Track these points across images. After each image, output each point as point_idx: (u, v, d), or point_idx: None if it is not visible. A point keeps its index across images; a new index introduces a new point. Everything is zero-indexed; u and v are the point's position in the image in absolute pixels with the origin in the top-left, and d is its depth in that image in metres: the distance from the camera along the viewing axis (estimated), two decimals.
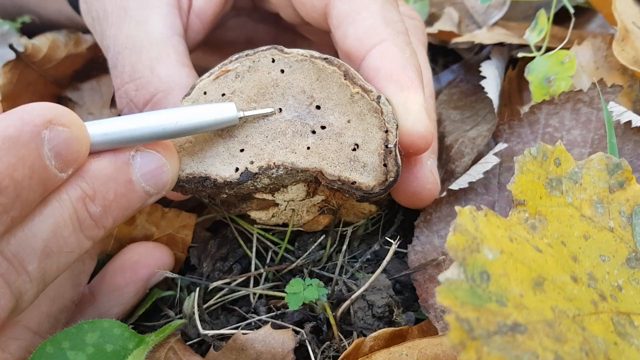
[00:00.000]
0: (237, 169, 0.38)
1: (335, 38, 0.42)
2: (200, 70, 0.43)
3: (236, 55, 0.39)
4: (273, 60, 0.39)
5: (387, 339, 0.40)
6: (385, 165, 0.37)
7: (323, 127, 0.38)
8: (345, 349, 0.40)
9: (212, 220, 0.54)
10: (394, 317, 0.43)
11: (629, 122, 0.46)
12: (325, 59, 0.38)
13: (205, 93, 0.39)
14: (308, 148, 0.38)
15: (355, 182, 0.38)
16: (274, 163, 0.38)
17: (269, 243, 0.50)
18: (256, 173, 0.38)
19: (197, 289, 0.45)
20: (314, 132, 0.38)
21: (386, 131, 0.37)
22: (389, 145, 0.37)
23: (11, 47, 0.59)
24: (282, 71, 0.39)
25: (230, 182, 0.38)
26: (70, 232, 0.32)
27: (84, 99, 0.67)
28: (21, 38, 0.62)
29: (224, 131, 0.39)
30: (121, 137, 0.33)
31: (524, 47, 0.58)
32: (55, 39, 0.63)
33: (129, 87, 0.42)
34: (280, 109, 0.39)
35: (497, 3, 0.68)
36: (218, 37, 0.53)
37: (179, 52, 0.43)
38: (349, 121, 0.38)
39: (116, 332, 0.37)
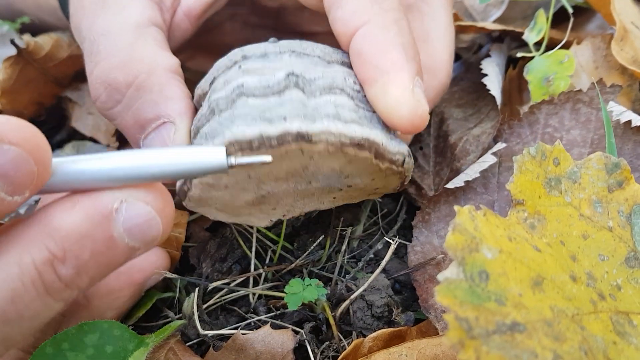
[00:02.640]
0: (271, 221, 0.44)
1: (330, 23, 0.40)
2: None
3: (259, 145, 0.34)
4: (302, 152, 0.35)
5: (386, 339, 0.40)
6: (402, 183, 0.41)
7: (349, 186, 0.40)
8: (345, 348, 0.40)
9: (211, 221, 0.54)
10: (394, 316, 0.43)
11: (629, 122, 0.46)
12: (357, 145, 0.34)
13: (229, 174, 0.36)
14: (334, 198, 0.42)
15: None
16: (304, 213, 0.43)
17: (268, 242, 0.50)
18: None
19: (197, 289, 0.45)
20: (340, 189, 0.41)
21: (405, 176, 0.40)
22: (405, 182, 0.41)
23: (12, 42, 0.59)
24: (312, 157, 0.36)
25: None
26: (32, 297, 0.27)
27: (84, 99, 0.67)
28: (24, 35, 0.62)
29: (254, 198, 0.39)
30: (95, 177, 0.28)
31: (524, 46, 0.58)
32: (59, 39, 0.63)
33: (107, 71, 0.39)
34: (310, 182, 0.39)
35: (496, 1, 0.68)
36: (216, 41, 0.53)
37: (156, 39, 0.41)
38: (373, 179, 0.40)
39: (116, 333, 0.37)
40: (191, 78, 0.47)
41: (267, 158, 0.32)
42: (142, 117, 0.38)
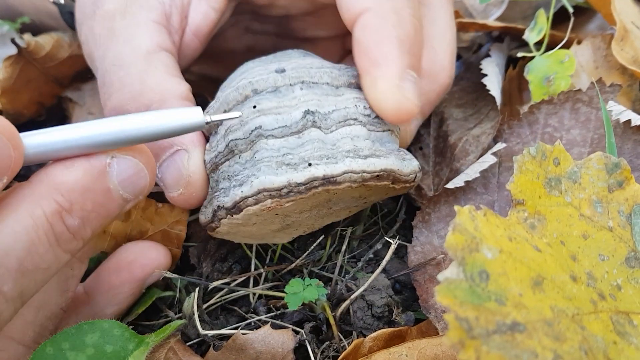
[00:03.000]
0: (292, 237, 0.46)
1: (338, 9, 0.41)
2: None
3: (287, 192, 0.36)
4: (327, 191, 0.37)
5: (386, 339, 0.40)
6: None
7: (365, 202, 0.43)
8: (345, 348, 0.40)
9: None
10: (394, 317, 0.43)
11: (629, 121, 0.46)
12: (377, 177, 0.37)
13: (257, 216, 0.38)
14: (350, 211, 0.44)
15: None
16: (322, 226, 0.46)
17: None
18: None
19: (197, 289, 0.45)
20: (357, 206, 0.43)
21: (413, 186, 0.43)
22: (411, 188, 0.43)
23: (13, 41, 0.59)
24: (336, 193, 0.38)
25: None
26: (46, 248, 0.30)
27: (85, 99, 0.67)
28: (24, 35, 0.62)
29: (280, 227, 0.41)
30: (89, 143, 0.31)
31: (524, 46, 0.58)
32: (60, 39, 0.63)
33: (120, 102, 0.40)
34: (331, 207, 0.41)
35: (496, 1, 0.68)
36: (218, 47, 0.53)
37: (167, 65, 0.41)
38: (387, 193, 0.42)
39: (116, 333, 0.37)
40: (193, 79, 0.47)
41: (237, 114, 0.36)
42: (156, 146, 0.40)
